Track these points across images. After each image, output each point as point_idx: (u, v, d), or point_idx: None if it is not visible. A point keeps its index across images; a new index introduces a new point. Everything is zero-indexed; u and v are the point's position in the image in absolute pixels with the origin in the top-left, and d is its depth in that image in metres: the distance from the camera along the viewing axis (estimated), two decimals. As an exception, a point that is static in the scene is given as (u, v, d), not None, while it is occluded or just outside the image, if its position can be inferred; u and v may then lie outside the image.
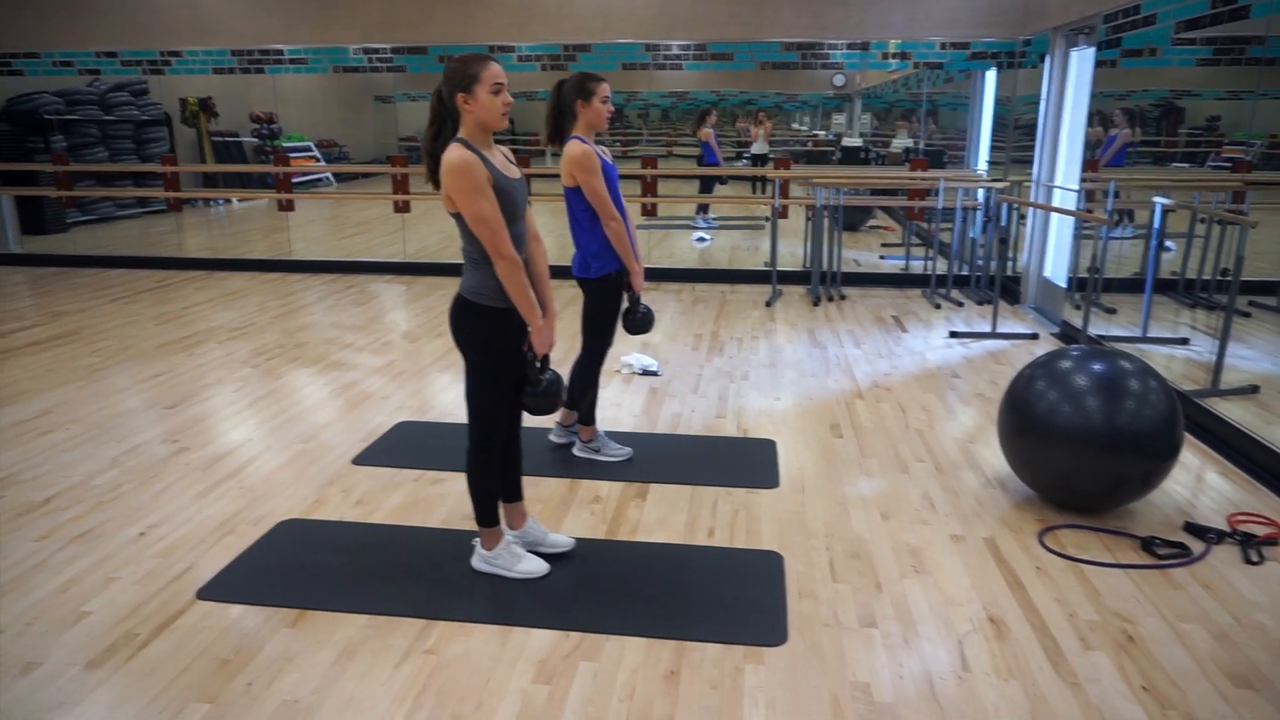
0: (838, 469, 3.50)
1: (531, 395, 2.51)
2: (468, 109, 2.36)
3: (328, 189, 12.04)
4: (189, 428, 3.94)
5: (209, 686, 2.15)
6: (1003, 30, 6.90)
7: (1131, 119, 5.64)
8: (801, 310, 6.37)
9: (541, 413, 2.55)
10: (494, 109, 2.36)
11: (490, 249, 2.37)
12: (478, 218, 2.34)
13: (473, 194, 2.32)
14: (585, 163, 3.14)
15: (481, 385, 2.52)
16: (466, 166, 2.31)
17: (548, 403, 2.52)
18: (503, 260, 2.37)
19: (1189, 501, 3.20)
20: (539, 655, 2.29)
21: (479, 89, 2.34)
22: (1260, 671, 2.22)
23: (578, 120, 3.19)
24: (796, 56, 7.19)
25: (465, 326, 2.49)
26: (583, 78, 3.18)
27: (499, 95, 2.36)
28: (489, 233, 2.35)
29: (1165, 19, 4.76)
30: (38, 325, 5.85)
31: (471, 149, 2.35)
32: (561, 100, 3.19)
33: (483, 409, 2.53)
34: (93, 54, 7.90)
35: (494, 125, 2.39)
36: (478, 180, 2.32)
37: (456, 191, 2.32)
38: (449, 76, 2.37)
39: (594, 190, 3.17)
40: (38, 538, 2.91)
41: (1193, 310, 5.49)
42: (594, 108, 3.16)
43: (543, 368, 2.51)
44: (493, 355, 2.49)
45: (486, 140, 2.44)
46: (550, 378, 2.51)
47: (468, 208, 2.33)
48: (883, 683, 2.17)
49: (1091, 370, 2.96)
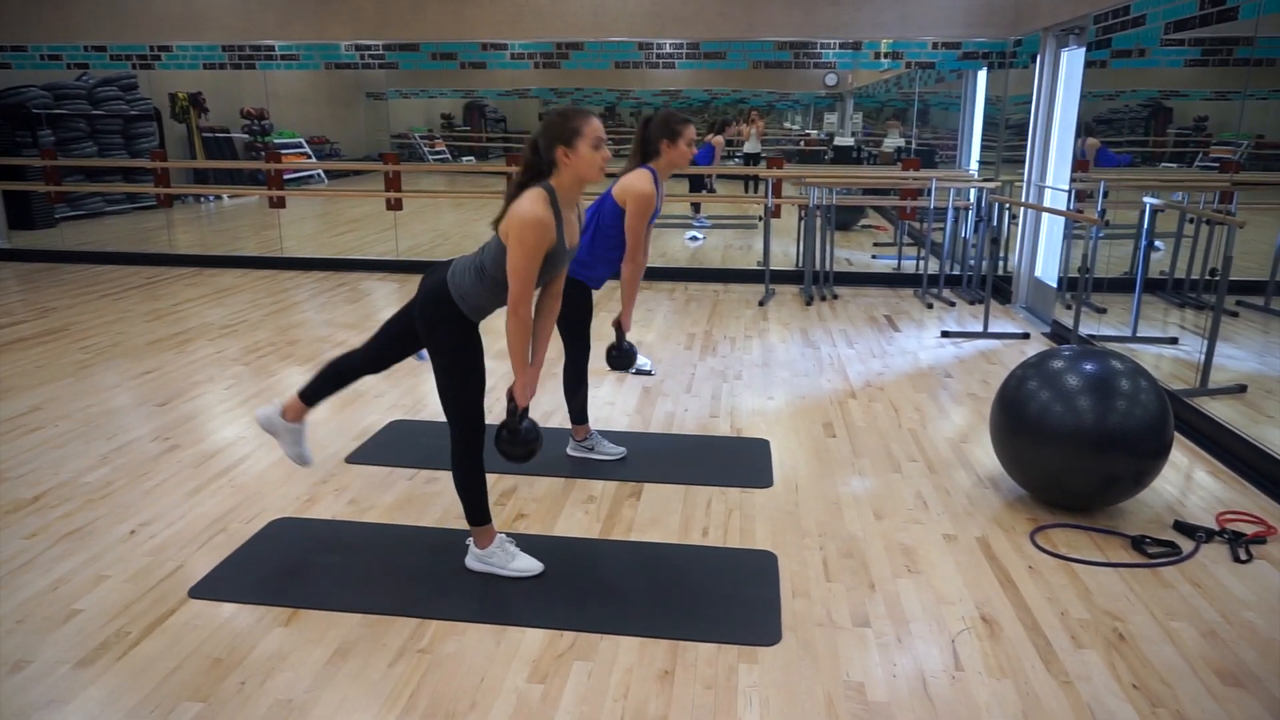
0: (831, 468, 3.51)
1: (509, 442, 2.53)
2: (566, 162, 2.39)
3: (319, 186, 11.99)
4: (180, 425, 3.92)
5: (201, 685, 2.14)
6: (994, 30, 6.93)
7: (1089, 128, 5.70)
8: (794, 309, 6.39)
9: (518, 460, 2.56)
10: (594, 164, 2.40)
11: (511, 301, 2.40)
12: (517, 271, 2.36)
13: (528, 251, 2.35)
14: (643, 204, 3.18)
15: (454, 385, 2.52)
16: (539, 227, 2.33)
17: (524, 450, 2.53)
18: (515, 317, 2.41)
19: (1178, 500, 3.23)
20: (533, 654, 2.29)
21: (580, 143, 2.38)
22: (1249, 669, 2.24)
23: (661, 157, 3.22)
24: (789, 56, 7.20)
25: (435, 319, 2.49)
26: (670, 118, 3.21)
27: (599, 150, 2.40)
28: (518, 287, 2.38)
29: (1155, 20, 4.78)
30: (26, 321, 5.81)
31: (554, 205, 2.38)
32: (648, 137, 3.22)
33: (458, 406, 2.54)
34: (81, 47, 7.84)
35: (591, 180, 2.44)
36: (539, 244, 2.35)
37: (515, 238, 2.34)
38: (549, 129, 2.39)
39: (634, 229, 3.22)
40: (27, 535, 2.90)
41: (1181, 310, 5.53)
42: (679, 149, 3.21)
43: (522, 417, 2.52)
44: (462, 357, 2.51)
45: (574, 197, 2.49)
46: (527, 426, 2.53)
47: (515, 258, 2.35)
48: (876, 682, 2.18)
49: (1083, 370, 2.98)
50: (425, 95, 11.32)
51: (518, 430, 2.51)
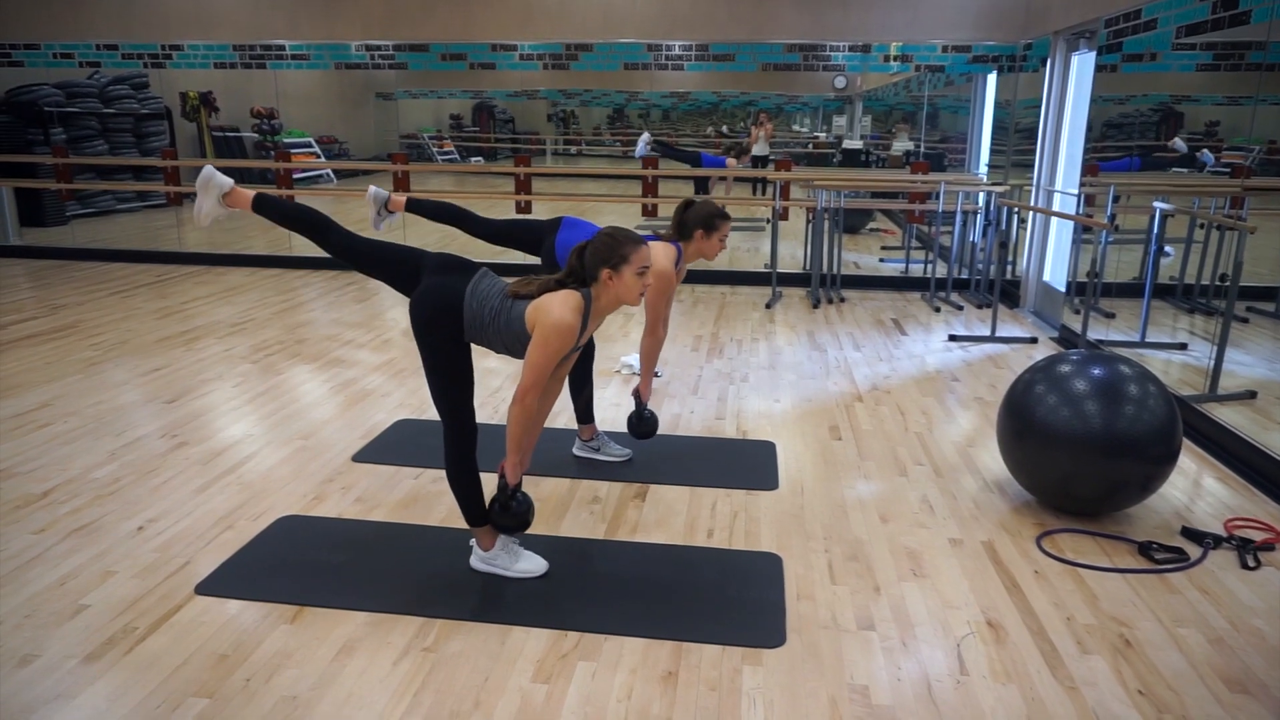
0: (837, 471, 3.51)
1: (501, 514, 2.55)
2: (609, 285, 2.45)
3: (328, 185, 12.03)
4: (188, 422, 3.94)
5: (207, 681, 2.15)
6: (1004, 34, 6.92)
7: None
8: (801, 312, 6.38)
9: (510, 531, 2.60)
10: (634, 290, 2.46)
11: (520, 389, 2.42)
12: (534, 365, 2.40)
13: (549, 352, 2.38)
14: (665, 283, 3.20)
15: (443, 385, 2.54)
16: (567, 334, 2.38)
17: (517, 521, 2.56)
18: (520, 406, 2.43)
19: (1186, 506, 3.21)
20: (537, 654, 2.29)
21: (626, 270, 2.44)
22: (1256, 676, 2.23)
23: (692, 242, 3.26)
24: (798, 58, 7.20)
25: (433, 320, 2.49)
26: (713, 213, 3.26)
27: (642, 278, 2.46)
28: (530, 380, 2.41)
29: (1166, 24, 4.77)
30: (36, 318, 5.85)
31: (586, 312, 2.43)
32: (685, 221, 3.26)
33: (450, 406, 2.55)
34: (94, 46, 7.89)
35: (630, 304, 2.50)
36: (561, 349, 2.40)
37: (540, 336, 2.38)
38: (600, 250, 2.44)
39: (654, 306, 3.27)
40: (36, 530, 2.91)
41: (1191, 315, 5.50)
42: (712, 243, 3.27)
43: (513, 492, 2.54)
44: (450, 360, 2.52)
45: (608, 313, 2.56)
46: (520, 499, 2.55)
47: (535, 354, 2.39)
48: (881, 685, 2.18)
49: (1091, 375, 2.97)
50: (434, 96, 11.34)
51: (508, 505, 2.54)
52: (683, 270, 3.38)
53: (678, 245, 3.28)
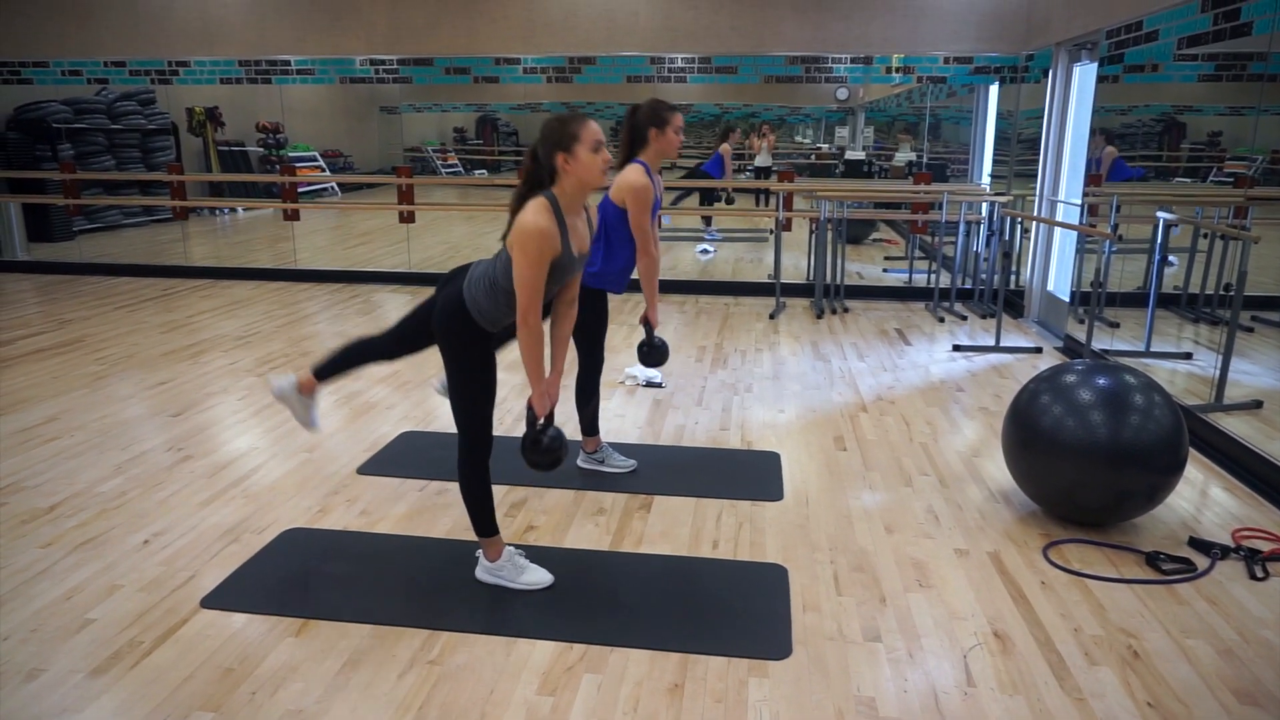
0: (842, 482, 3.50)
1: (533, 451, 2.50)
2: (568, 169, 2.38)
3: (332, 199, 12.08)
4: (193, 436, 3.94)
5: (213, 695, 2.15)
6: (1005, 45, 6.94)
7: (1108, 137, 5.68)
8: (805, 323, 6.38)
9: (542, 468, 2.53)
10: (595, 168, 2.39)
11: (520, 312, 2.38)
12: (524, 282, 2.35)
13: (532, 262, 2.33)
14: (641, 196, 3.17)
15: (464, 394, 2.54)
16: (541, 237, 2.32)
17: (549, 458, 2.49)
18: (526, 328, 2.39)
19: (1193, 516, 3.20)
20: (542, 666, 2.29)
21: (579, 149, 2.36)
22: (1265, 688, 2.21)
23: (649, 146, 3.22)
24: (800, 70, 7.23)
25: (449, 328, 2.49)
26: (658, 105, 3.21)
27: (599, 153, 2.39)
28: (526, 298, 2.36)
29: (1167, 35, 4.78)
30: (43, 332, 5.87)
31: (558, 212, 2.37)
32: (636, 125, 3.22)
33: (467, 416, 2.55)
34: (101, 63, 7.95)
35: (595, 184, 2.42)
36: (544, 253, 2.34)
37: (519, 249, 2.34)
38: (547, 136, 2.38)
39: (639, 224, 3.21)
40: (42, 545, 2.92)
41: (1196, 325, 5.49)
42: (667, 136, 3.20)
43: (544, 426, 2.50)
44: (473, 367, 2.51)
45: (579, 202, 2.47)
46: (552, 434, 2.51)
47: (520, 269, 2.35)
48: (887, 697, 2.17)
49: (1096, 384, 2.97)
50: (438, 109, 11.40)
51: (539, 439, 2.49)
52: (659, 183, 3.29)
53: (638, 161, 3.21)
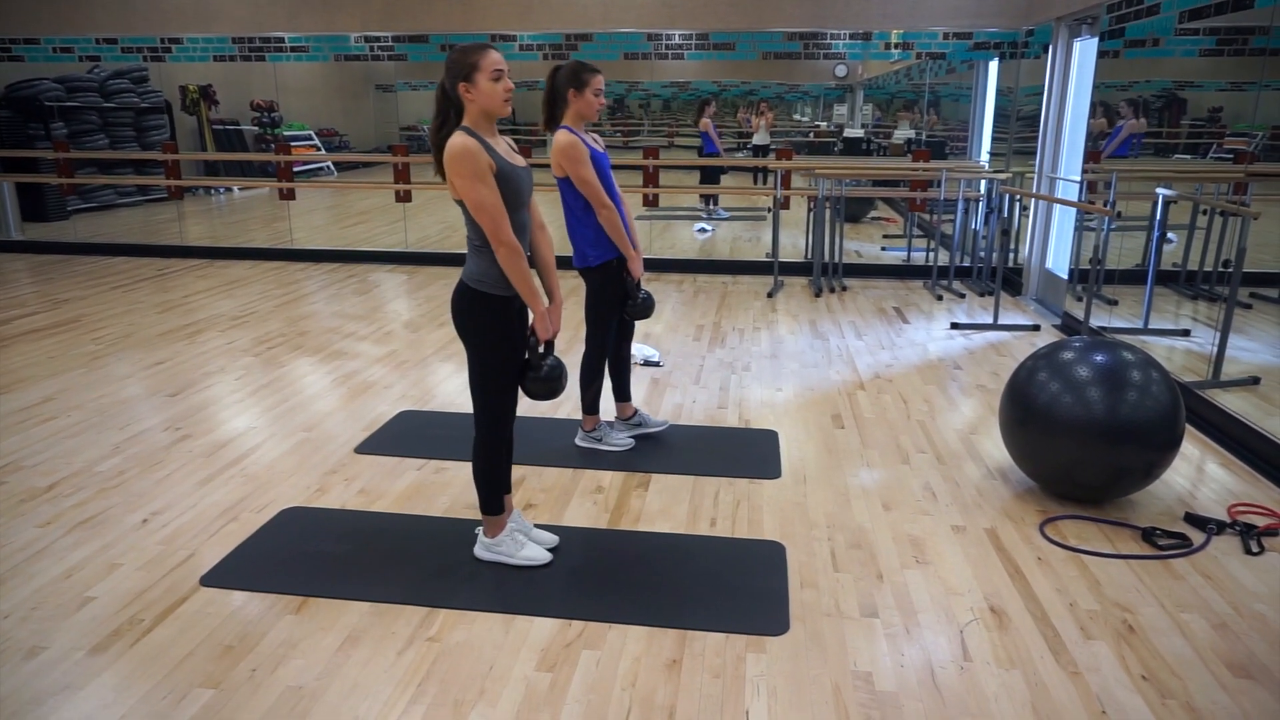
0: (839, 459, 3.51)
1: (533, 380, 2.51)
2: (470, 98, 2.38)
3: (328, 178, 12.01)
4: (191, 415, 3.94)
5: (213, 672, 2.16)
6: (1005, 20, 6.88)
7: (1137, 109, 5.63)
8: (803, 301, 6.37)
9: (541, 398, 2.55)
10: (495, 95, 2.38)
11: (490, 236, 2.38)
12: (478, 204, 2.35)
13: (473, 180, 2.33)
14: (571, 153, 3.13)
15: (484, 374, 2.52)
16: (468, 153, 2.32)
17: (548, 388, 2.51)
18: (502, 247, 2.38)
19: (1189, 492, 3.21)
20: (541, 643, 2.30)
21: (479, 77, 2.36)
22: (1259, 661, 2.23)
23: (569, 108, 3.16)
24: (799, 47, 7.16)
25: (466, 313, 2.49)
26: (578, 67, 3.16)
27: (499, 82, 2.38)
28: (489, 220, 2.36)
29: (1169, 8, 4.74)
30: (39, 312, 5.85)
31: (475, 136, 2.36)
32: (556, 87, 3.17)
33: (488, 397, 2.54)
34: (93, 40, 7.87)
35: (497, 112, 2.41)
36: (479, 167, 2.33)
37: (458, 178, 2.34)
38: (450, 67, 2.38)
39: (583, 179, 3.16)
40: (41, 524, 2.92)
41: (1194, 302, 5.49)
42: (585, 98, 3.14)
43: (545, 353, 2.50)
44: (494, 344, 2.49)
45: (490, 128, 2.46)
46: (552, 363, 2.52)
47: (469, 194, 2.35)
48: (884, 672, 2.18)
49: (1093, 361, 2.97)
50: (434, 87, 11.31)
51: (540, 367, 2.49)
52: (595, 140, 3.24)
53: (563, 126, 3.17)
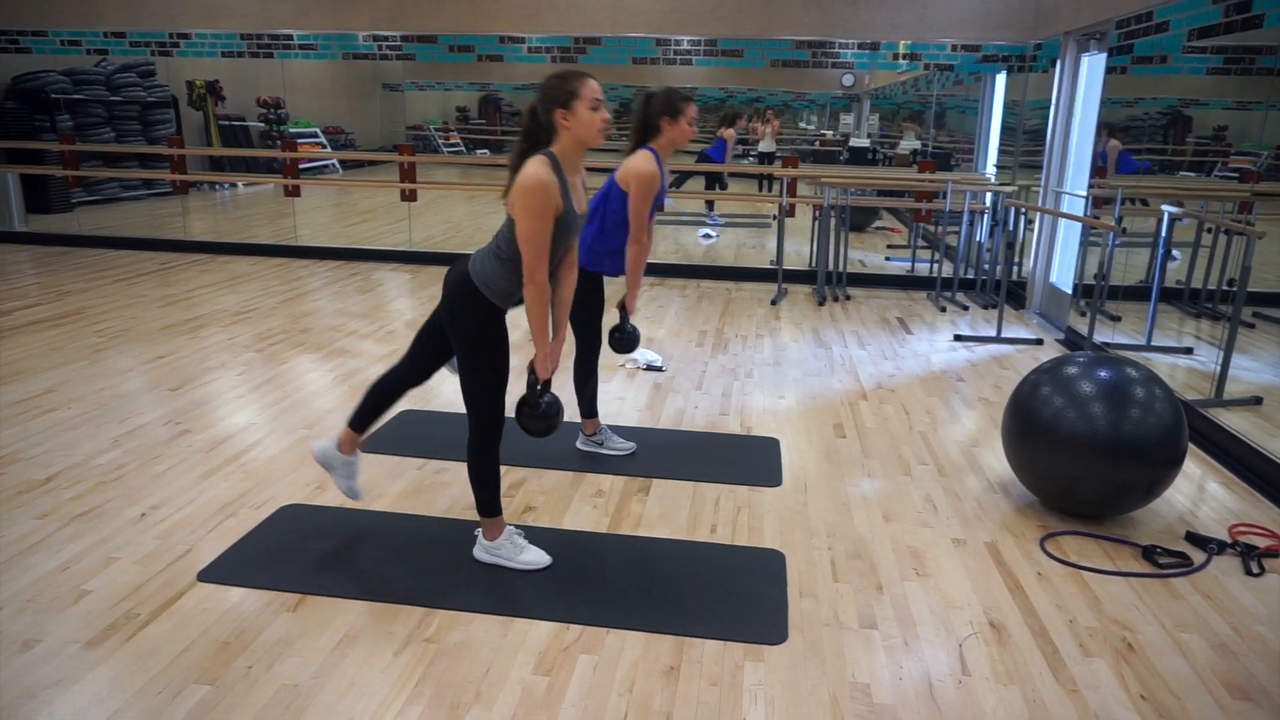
0: (840, 469, 3.50)
1: (529, 416, 2.52)
2: (566, 125, 2.37)
3: (334, 176, 12.02)
4: (191, 410, 3.94)
5: (209, 668, 2.15)
6: (1014, 34, 6.89)
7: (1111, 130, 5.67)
8: (806, 309, 6.37)
9: (538, 434, 2.56)
10: (592, 125, 2.38)
11: (526, 270, 2.38)
12: (527, 238, 2.35)
13: (535, 217, 2.33)
14: (648, 184, 3.16)
15: (475, 375, 2.52)
16: (543, 189, 2.32)
17: (545, 424, 2.52)
18: (533, 285, 2.39)
19: (1191, 511, 3.20)
20: (539, 646, 2.29)
21: (578, 105, 2.36)
22: (1259, 683, 2.22)
23: (661, 135, 3.20)
24: (807, 55, 7.17)
25: (460, 308, 2.49)
26: (672, 95, 3.19)
27: (597, 112, 2.38)
28: (531, 254, 2.36)
29: (1178, 26, 4.74)
30: (41, 304, 5.85)
31: (558, 170, 2.36)
32: (649, 114, 3.20)
33: (479, 398, 2.53)
34: (101, 34, 7.87)
35: (591, 142, 2.42)
36: (546, 207, 2.34)
37: (522, 208, 2.33)
38: (547, 92, 2.37)
39: (638, 211, 3.20)
40: (38, 516, 2.91)
41: (1197, 320, 5.48)
42: (680, 127, 3.19)
43: (543, 390, 2.51)
44: (484, 346, 2.50)
45: (577, 161, 2.46)
46: (549, 400, 2.52)
47: (523, 225, 2.34)
48: (882, 684, 2.17)
49: (1097, 377, 2.96)
50: (441, 88, 11.33)
51: (538, 404, 2.50)
52: (665, 171, 3.29)
53: (649, 148, 3.21)
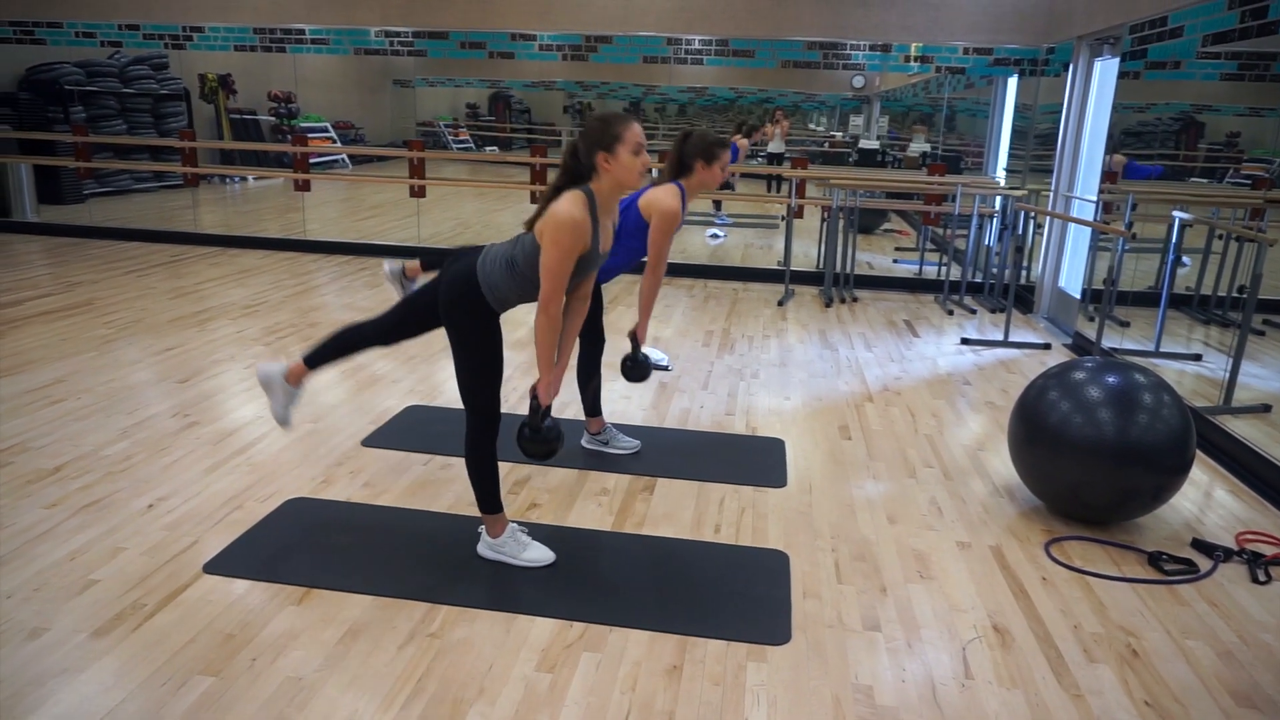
0: (846, 471, 3.50)
1: (530, 440, 2.53)
2: (607, 168, 2.39)
3: (343, 171, 12.05)
4: (199, 403, 3.95)
5: (214, 660, 2.16)
6: (1026, 37, 6.87)
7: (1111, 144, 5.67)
8: (813, 311, 6.36)
9: (538, 458, 2.58)
10: (633, 170, 2.39)
11: (542, 299, 2.40)
12: (550, 270, 2.37)
13: (561, 251, 2.35)
14: (670, 220, 3.18)
15: (470, 369, 2.54)
16: (574, 228, 2.33)
17: (544, 448, 2.54)
18: (545, 315, 2.41)
19: (1197, 518, 3.19)
20: (542, 643, 2.29)
21: (621, 149, 2.37)
22: (1264, 691, 2.21)
23: (693, 175, 3.23)
24: (818, 56, 7.16)
25: (459, 303, 2.49)
26: (709, 141, 3.22)
27: (639, 156, 2.39)
28: (549, 285, 2.38)
29: (1192, 31, 4.72)
30: (51, 294, 5.88)
31: (592, 209, 2.38)
32: (684, 154, 3.24)
33: (475, 395, 2.55)
34: (115, 26, 7.91)
35: (632, 186, 2.44)
36: (575, 245, 2.36)
37: (551, 238, 2.35)
38: (589, 134, 2.39)
39: (657, 244, 3.24)
40: (47, 505, 2.93)
41: (1206, 327, 5.46)
42: (713, 172, 3.23)
43: (544, 415, 2.52)
44: (480, 341, 2.51)
45: (612, 204, 2.49)
46: (549, 424, 2.53)
47: (549, 256, 2.36)
48: (885, 686, 2.17)
49: (1105, 382, 2.95)
50: (451, 84, 11.34)
51: (539, 429, 2.52)
52: (687, 207, 3.33)
53: (678, 184, 3.24)
